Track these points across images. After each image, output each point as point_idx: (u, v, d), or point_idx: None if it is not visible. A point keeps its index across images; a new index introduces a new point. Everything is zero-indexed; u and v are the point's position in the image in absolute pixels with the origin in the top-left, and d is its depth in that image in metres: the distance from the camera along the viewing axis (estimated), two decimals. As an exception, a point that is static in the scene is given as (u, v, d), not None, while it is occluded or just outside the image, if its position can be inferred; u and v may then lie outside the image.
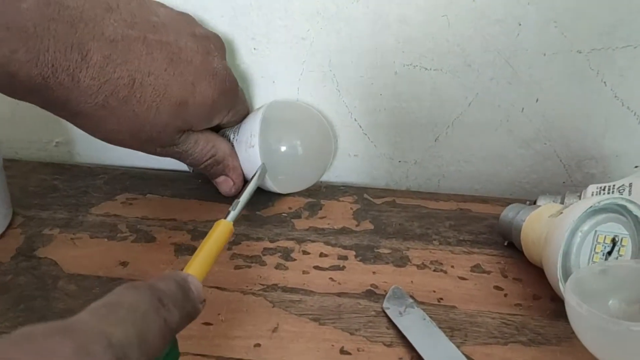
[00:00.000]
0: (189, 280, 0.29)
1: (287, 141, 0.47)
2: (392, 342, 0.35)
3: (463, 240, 0.44)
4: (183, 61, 0.40)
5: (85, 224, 0.45)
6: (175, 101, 0.39)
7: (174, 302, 0.26)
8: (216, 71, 0.42)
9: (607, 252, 0.35)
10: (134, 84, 0.37)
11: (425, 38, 0.47)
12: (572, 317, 0.32)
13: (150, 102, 0.38)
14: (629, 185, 0.40)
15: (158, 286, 0.26)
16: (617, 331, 0.28)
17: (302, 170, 0.49)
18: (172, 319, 0.25)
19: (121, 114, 0.38)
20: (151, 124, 0.39)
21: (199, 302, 0.29)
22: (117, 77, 0.36)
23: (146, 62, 0.38)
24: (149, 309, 0.24)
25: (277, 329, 0.35)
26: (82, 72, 0.35)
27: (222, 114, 0.44)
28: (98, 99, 0.36)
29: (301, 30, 0.48)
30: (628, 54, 0.46)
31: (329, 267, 0.41)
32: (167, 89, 0.39)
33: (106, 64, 0.36)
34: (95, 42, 0.35)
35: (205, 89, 0.41)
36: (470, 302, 0.38)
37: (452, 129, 0.50)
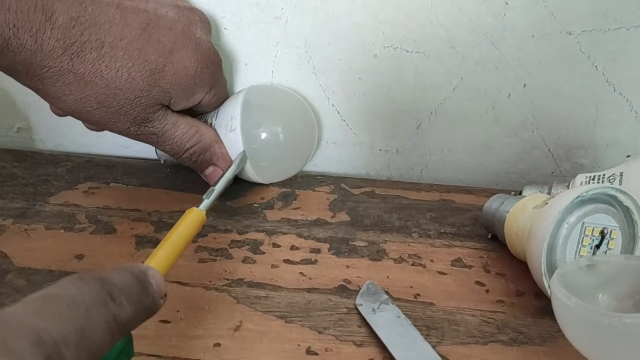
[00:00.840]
0: (148, 273, 0.26)
1: (268, 127, 0.44)
2: (363, 342, 0.32)
3: (444, 233, 0.42)
4: (162, 28, 0.37)
5: (42, 214, 0.42)
6: (150, 67, 0.37)
7: (128, 296, 0.24)
8: (199, 42, 0.39)
9: (595, 245, 0.33)
10: (102, 47, 0.35)
11: (407, 18, 0.44)
12: (559, 311, 0.29)
13: (120, 67, 0.36)
14: (620, 175, 0.37)
15: (110, 278, 0.24)
16: (608, 325, 0.26)
17: (284, 159, 0.46)
18: (123, 314, 0.23)
19: (89, 79, 0.35)
20: (122, 90, 0.36)
21: (160, 297, 0.26)
22: (84, 40, 0.34)
23: (118, 26, 0.35)
24: (95, 303, 0.22)
25: (239, 328, 0.33)
26: (46, 33, 0.33)
27: (203, 90, 0.41)
28: (63, 62, 0.34)
29: (274, 9, 0.45)
30: (620, 37, 0.43)
31: (299, 261, 0.38)
32: (140, 54, 0.36)
33: (72, 25, 0.33)
34: (62, 2, 0.33)
35: (186, 58, 0.38)
36: (450, 298, 0.36)
37: (436, 116, 0.48)
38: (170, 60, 0.38)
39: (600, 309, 0.32)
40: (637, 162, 0.37)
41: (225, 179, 0.39)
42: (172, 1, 0.40)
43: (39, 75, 0.34)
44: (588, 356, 0.29)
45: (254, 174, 0.44)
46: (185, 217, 0.33)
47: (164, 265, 0.29)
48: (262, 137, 0.44)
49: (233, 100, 0.43)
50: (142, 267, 0.26)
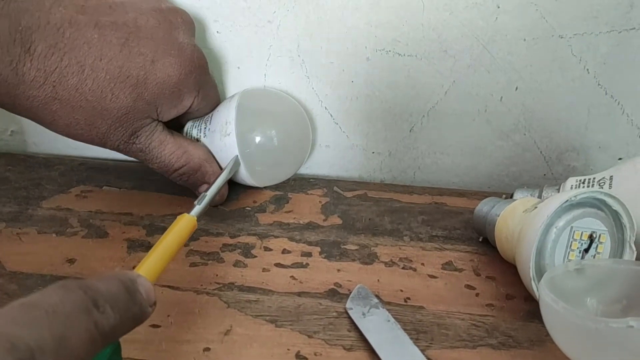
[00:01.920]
0: (137, 281, 0.26)
1: (262, 131, 0.44)
2: (353, 346, 0.32)
3: (435, 236, 0.42)
4: (142, 39, 0.37)
5: (34, 218, 0.42)
6: (132, 82, 0.37)
7: (113, 304, 0.23)
8: (181, 46, 0.39)
9: (583, 249, 0.33)
10: (83, 70, 0.35)
11: (399, 22, 0.44)
12: (547, 315, 0.29)
13: (104, 88, 0.36)
14: (610, 178, 0.37)
15: (95, 286, 0.23)
16: (595, 329, 0.26)
17: (278, 162, 0.46)
18: (106, 322, 0.23)
19: (74, 103, 0.36)
20: (108, 110, 0.37)
21: (148, 306, 0.26)
22: (64, 65, 0.34)
23: (97, 47, 0.36)
24: (75, 310, 0.22)
25: (229, 332, 0.33)
26: (26, 65, 0.33)
27: (190, 95, 0.41)
28: (46, 91, 0.34)
29: (267, 13, 0.45)
30: (612, 40, 0.43)
31: (290, 265, 0.38)
32: (122, 71, 0.36)
33: (51, 53, 0.34)
34: (40, 32, 0.33)
35: (168, 66, 0.38)
36: (439, 302, 0.36)
37: (428, 119, 0.48)
38: (152, 71, 0.38)
39: (588, 313, 0.32)
40: (627, 165, 0.37)
41: (216, 185, 0.39)
42: (155, 3, 0.40)
43: (25, 105, 0.35)
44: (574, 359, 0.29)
45: (248, 178, 0.44)
46: (176, 223, 0.33)
47: (154, 272, 0.30)
48: (257, 141, 0.43)
49: (227, 104, 0.43)
50: (131, 275, 0.26)
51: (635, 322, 0.25)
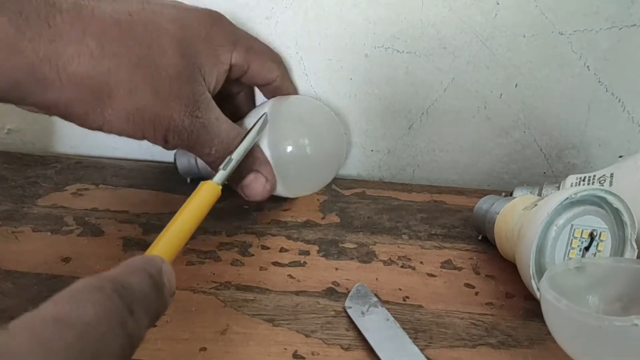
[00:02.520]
0: (162, 272, 0.24)
1: (295, 140, 0.41)
2: (351, 345, 0.32)
3: (434, 235, 0.41)
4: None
5: (29, 217, 0.41)
6: (172, 35, 0.35)
7: (146, 307, 0.22)
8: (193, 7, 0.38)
9: (584, 247, 0.33)
10: (119, 22, 0.33)
11: (397, 18, 0.44)
12: (548, 314, 0.29)
13: (150, 39, 0.34)
14: (610, 176, 0.37)
15: (130, 287, 0.21)
16: (599, 328, 0.26)
17: (311, 172, 0.43)
18: (140, 332, 0.21)
19: (127, 59, 0.32)
20: (164, 68, 0.34)
21: (170, 296, 0.24)
22: (97, 19, 0.32)
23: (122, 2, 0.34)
24: (111, 327, 0.20)
25: (226, 331, 0.32)
26: (57, 18, 0.30)
27: (225, 49, 0.38)
28: (90, 45, 0.31)
29: (265, 9, 0.44)
30: (613, 36, 0.43)
31: (288, 263, 0.38)
32: (160, 23, 0.35)
33: (80, 7, 0.31)
34: None
35: (193, 19, 0.37)
36: (438, 301, 0.35)
37: (427, 116, 0.47)
38: (180, 27, 0.36)
39: (591, 311, 0.31)
40: (627, 163, 0.37)
41: (243, 146, 0.35)
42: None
43: (71, 74, 0.31)
44: (576, 359, 0.28)
45: (281, 189, 0.41)
46: (198, 191, 0.31)
47: (174, 249, 0.27)
48: (288, 150, 0.40)
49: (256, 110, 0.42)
50: (157, 264, 0.24)
51: (639, 321, 0.25)
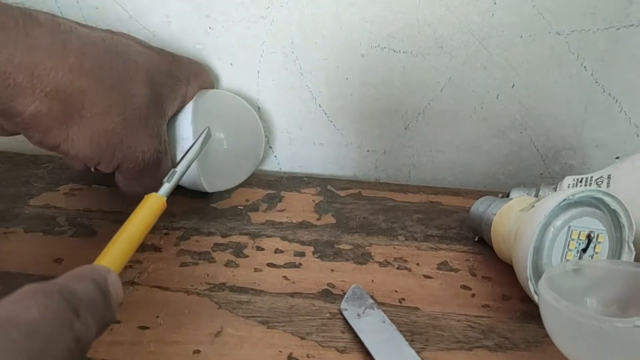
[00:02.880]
0: (108, 281, 0.24)
1: (213, 134, 0.41)
2: (346, 348, 0.31)
3: (430, 236, 0.41)
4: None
5: (21, 217, 0.41)
6: (140, 63, 0.36)
7: (93, 312, 0.22)
8: (149, 46, 0.39)
9: (581, 249, 0.32)
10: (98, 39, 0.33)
11: (394, 17, 0.43)
12: (547, 315, 0.29)
13: (122, 69, 0.34)
14: (608, 177, 0.37)
15: (75, 291, 0.22)
16: (600, 329, 0.25)
17: (228, 166, 0.44)
18: (88, 335, 0.21)
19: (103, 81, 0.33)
20: (137, 96, 0.35)
21: (117, 306, 0.24)
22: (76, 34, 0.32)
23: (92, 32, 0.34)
24: (57, 328, 0.20)
25: (220, 333, 0.32)
26: (36, 30, 0.30)
27: (182, 84, 0.41)
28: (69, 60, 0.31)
29: (260, 8, 0.44)
30: (610, 37, 0.43)
31: (283, 265, 0.38)
32: (130, 49, 0.36)
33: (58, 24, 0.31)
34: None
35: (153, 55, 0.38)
36: (435, 303, 0.35)
37: (423, 116, 0.47)
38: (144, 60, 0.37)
39: (591, 312, 0.31)
40: (625, 164, 0.37)
41: (187, 160, 0.36)
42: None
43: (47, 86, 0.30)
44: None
45: (202, 183, 0.41)
46: (144, 204, 0.31)
47: (121, 261, 0.28)
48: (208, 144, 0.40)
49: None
50: (103, 273, 0.24)
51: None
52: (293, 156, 0.50)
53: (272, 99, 0.48)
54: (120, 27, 0.45)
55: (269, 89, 0.47)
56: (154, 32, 0.45)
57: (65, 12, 0.45)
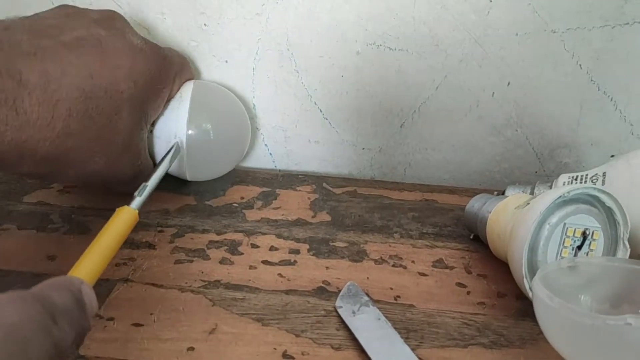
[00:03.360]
0: (83, 291, 0.25)
1: (198, 125, 0.42)
2: (341, 345, 0.31)
3: (426, 233, 0.41)
4: (108, 49, 0.35)
5: (15, 214, 0.41)
6: (125, 94, 0.36)
7: (70, 320, 0.22)
8: (140, 46, 0.38)
9: (576, 246, 0.32)
10: (84, 92, 0.33)
11: (390, 15, 0.43)
12: (541, 312, 0.29)
13: (106, 106, 0.34)
14: (603, 175, 0.37)
15: (52, 300, 0.22)
16: (592, 326, 0.25)
17: (214, 157, 0.44)
18: (65, 341, 0.21)
19: (89, 133, 0.33)
20: (119, 132, 0.36)
21: (92, 316, 0.25)
22: (64, 93, 0.31)
23: (80, 65, 0.33)
24: (36, 332, 0.20)
25: (214, 330, 0.32)
26: (25, 101, 0.30)
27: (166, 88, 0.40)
28: (57, 127, 0.31)
29: (255, 5, 0.44)
30: (605, 35, 0.43)
31: (278, 262, 0.38)
32: (112, 84, 0.34)
33: (47, 81, 0.31)
34: (22, 59, 0.30)
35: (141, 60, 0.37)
36: (430, 300, 0.35)
37: (419, 114, 0.47)
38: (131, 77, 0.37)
39: (583, 309, 0.31)
40: (620, 162, 0.37)
41: (158, 173, 0.37)
42: (84, 17, 0.37)
43: (37, 154, 0.31)
44: (568, 358, 0.28)
45: (184, 171, 0.42)
46: (116, 216, 0.32)
47: (94, 273, 0.28)
48: (190, 134, 0.41)
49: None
50: (77, 284, 0.25)
51: (633, 320, 0.24)
52: (288, 154, 0.50)
53: (267, 97, 0.48)
54: (114, 24, 0.45)
55: (264, 86, 0.47)
56: (149, 28, 0.45)
57: (60, 8, 0.45)
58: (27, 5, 0.40)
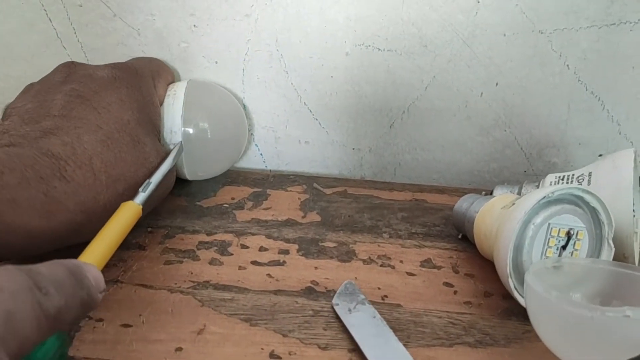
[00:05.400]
0: (83, 267, 0.26)
1: (196, 124, 0.43)
2: (328, 345, 0.32)
3: (415, 233, 0.41)
4: (90, 93, 0.37)
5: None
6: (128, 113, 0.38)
7: (58, 287, 0.23)
8: (112, 74, 0.39)
9: (561, 246, 0.33)
10: (103, 142, 0.35)
11: (378, 16, 0.44)
12: (534, 307, 0.29)
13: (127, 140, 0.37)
14: (589, 175, 0.37)
15: (37, 269, 0.23)
16: (591, 318, 0.25)
17: (211, 156, 0.45)
18: (50, 303, 0.22)
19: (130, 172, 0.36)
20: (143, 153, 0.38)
21: (98, 291, 0.25)
22: (91, 150, 0.34)
23: (85, 124, 0.35)
24: (19, 289, 0.21)
25: (203, 331, 0.32)
26: (68, 169, 0.33)
27: (161, 97, 0.43)
28: (102, 178, 0.34)
29: (244, 6, 0.44)
30: (592, 35, 0.43)
31: (267, 263, 0.38)
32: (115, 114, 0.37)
33: (72, 148, 0.34)
34: (40, 142, 0.33)
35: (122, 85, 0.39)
36: (417, 300, 0.35)
37: (408, 115, 0.47)
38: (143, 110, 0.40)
39: (582, 301, 0.31)
40: (606, 162, 0.37)
41: (161, 171, 0.38)
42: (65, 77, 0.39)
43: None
44: (559, 353, 0.28)
45: (181, 170, 0.43)
46: (120, 210, 0.33)
47: (100, 260, 0.29)
48: (186, 131, 0.42)
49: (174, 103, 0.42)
50: (76, 262, 0.26)
51: (631, 312, 0.25)
52: (279, 154, 0.50)
53: (257, 97, 0.48)
54: (104, 25, 0.45)
55: (254, 87, 0.47)
56: (139, 30, 0.45)
57: (49, 11, 0.45)
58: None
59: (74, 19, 0.45)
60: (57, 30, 0.46)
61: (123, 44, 0.46)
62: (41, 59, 0.47)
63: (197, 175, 0.45)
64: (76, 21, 0.45)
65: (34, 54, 0.47)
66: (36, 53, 0.47)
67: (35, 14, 0.45)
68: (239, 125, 0.47)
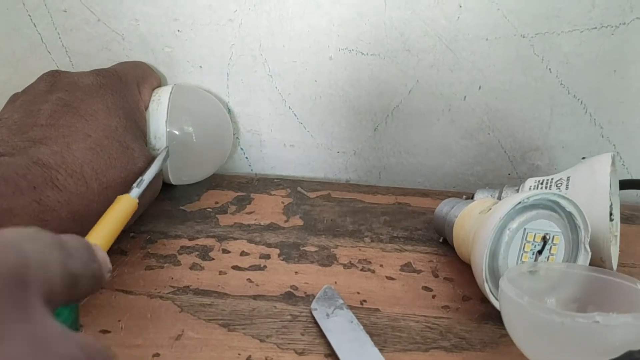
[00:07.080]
0: (93, 245, 0.25)
1: (180, 127, 0.43)
2: (305, 350, 0.32)
3: (396, 237, 0.42)
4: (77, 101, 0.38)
5: None
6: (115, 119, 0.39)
7: (76, 253, 0.23)
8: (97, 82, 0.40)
9: (537, 251, 0.33)
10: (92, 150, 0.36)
11: (361, 20, 0.44)
12: (508, 312, 0.29)
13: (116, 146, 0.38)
14: (567, 179, 0.37)
15: (60, 236, 0.23)
16: (561, 324, 0.26)
17: (196, 160, 0.45)
18: (73, 265, 0.22)
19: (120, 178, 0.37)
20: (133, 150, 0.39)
21: (106, 270, 0.25)
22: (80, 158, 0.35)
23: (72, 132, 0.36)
24: (51, 244, 0.21)
25: (180, 337, 0.32)
26: (60, 178, 0.33)
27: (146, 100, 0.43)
28: (94, 186, 0.35)
29: (228, 11, 0.44)
30: (574, 39, 0.43)
31: (248, 267, 0.38)
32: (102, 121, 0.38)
33: (61, 157, 0.34)
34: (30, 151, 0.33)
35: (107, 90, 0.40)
36: (395, 304, 0.35)
37: (392, 119, 0.47)
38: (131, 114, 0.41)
39: (552, 307, 0.32)
40: (584, 166, 0.37)
41: (153, 169, 0.38)
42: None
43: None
44: (533, 358, 0.28)
45: (166, 175, 0.43)
46: (117, 203, 0.34)
47: (104, 244, 0.30)
48: (175, 137, 0.43)
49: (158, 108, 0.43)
50: (87, 240, 0.26)
51: (601, 318, 0.25)
52: (264, 158, 0.50)
53: (241, 101, 0.48)
54: (88, 30, 0.45)
55: (239, 91, 0.47)
56: (123, 35, 0.46)
57: (34, 16, 0.45)
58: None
59: (58, 24, 0.45)
60: (41, 35, 0.46)
61: (107, 48, 0.46)
62: (26, 63, 0.47)
63: (181, 180, 0.45)
64: (60, 26, 0.46)
65: (19, 58, 0.47)
66: (21, 58, 0.47)
67: (20, 19, 0.45)
68: (224, 129, 0.47)
